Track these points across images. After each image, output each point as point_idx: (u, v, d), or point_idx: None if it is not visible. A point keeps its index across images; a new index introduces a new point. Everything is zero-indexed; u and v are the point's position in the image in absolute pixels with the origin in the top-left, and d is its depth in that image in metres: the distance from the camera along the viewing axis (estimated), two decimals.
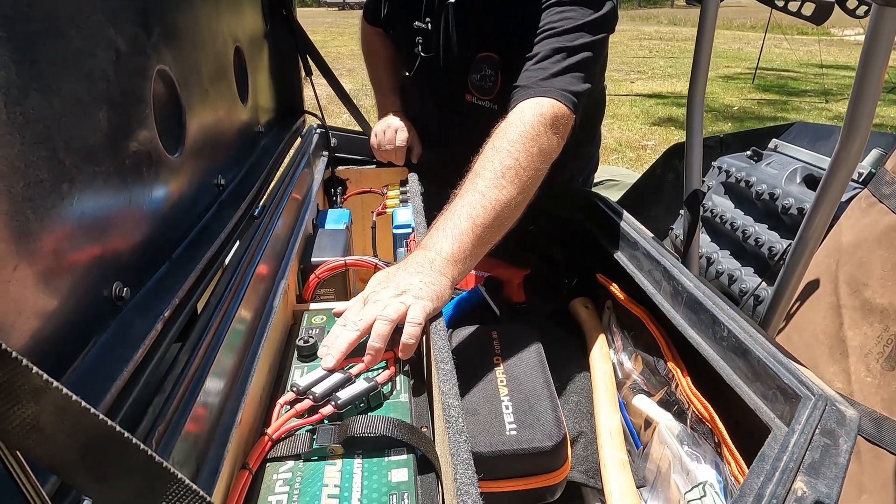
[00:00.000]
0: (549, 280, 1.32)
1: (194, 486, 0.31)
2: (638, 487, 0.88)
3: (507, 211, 0.88)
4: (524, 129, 0.95)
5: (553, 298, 1.31)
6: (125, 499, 0.29)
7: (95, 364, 0.49)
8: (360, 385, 0.70)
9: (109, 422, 0.28)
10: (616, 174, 3.11)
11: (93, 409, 0.27)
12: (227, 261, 0.78)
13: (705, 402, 0.85)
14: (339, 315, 0.82)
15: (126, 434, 0.28)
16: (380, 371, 0.76)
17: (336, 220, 1.30)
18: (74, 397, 0.27)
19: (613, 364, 1.13)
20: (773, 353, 0.75)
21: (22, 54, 0.42)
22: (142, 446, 0.29)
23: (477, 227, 0.84)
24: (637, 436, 1.00)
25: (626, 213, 1.24)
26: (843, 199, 1.15)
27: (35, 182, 0.43)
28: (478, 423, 0.82)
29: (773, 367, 0.72)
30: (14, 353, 0.25)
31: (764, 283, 1.41)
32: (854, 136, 1.05)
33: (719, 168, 1.77)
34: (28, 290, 0.43)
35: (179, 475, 0.30)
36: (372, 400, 0.70)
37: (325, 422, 0.67)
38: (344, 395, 0.69)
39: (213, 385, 0.60)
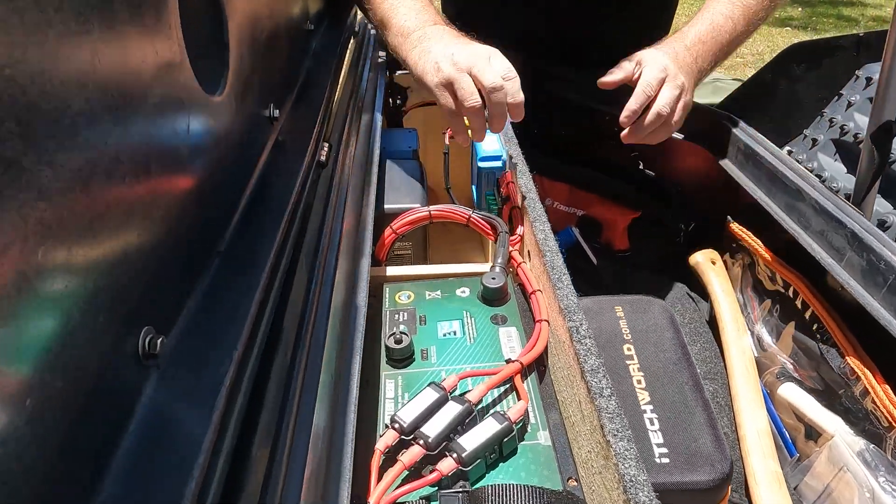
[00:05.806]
0: (661, 224, 1.09)
1: None
2: None
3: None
4: None
5: (664, 247, 1.08)
6: None
7: None
8: (488, 425, 0.51)
9: None
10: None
11: None
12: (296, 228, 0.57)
13: None
14: None
15: None
16: (506, 398, 0.56)
17: (403, 145, 1.05)
18: None
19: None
20: None
21: None
22: None
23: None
24: (789, 438, 0.81)
25: (773, 146, 0.98)
26: None
27: None
28: None
29: None
30: None
31: None
32: None
33: (861, 76, 1.44)
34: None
35: None
36: (505, 447, 0.51)
37: (444, 481, 0.49)
38: (468, 441, 0.50)
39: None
